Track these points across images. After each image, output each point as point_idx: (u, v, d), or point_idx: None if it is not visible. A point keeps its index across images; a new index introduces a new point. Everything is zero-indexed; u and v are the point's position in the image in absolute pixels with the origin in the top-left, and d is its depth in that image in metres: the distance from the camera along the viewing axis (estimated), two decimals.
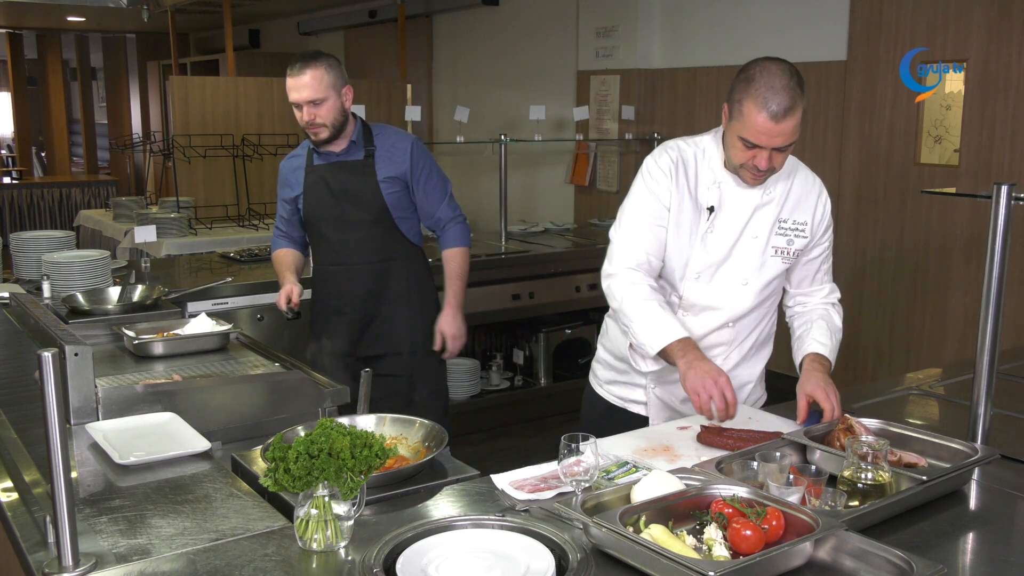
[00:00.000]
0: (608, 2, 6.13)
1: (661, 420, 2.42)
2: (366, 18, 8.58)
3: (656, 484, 1.66)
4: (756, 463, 1.81)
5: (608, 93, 6.19)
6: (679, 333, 2.17)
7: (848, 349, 5.02)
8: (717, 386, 2.06)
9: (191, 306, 3.76)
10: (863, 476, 1.74)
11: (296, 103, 3.04)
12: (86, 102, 14.78)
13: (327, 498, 1.56)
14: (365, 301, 3.20)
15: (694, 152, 2.33)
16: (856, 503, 1.72)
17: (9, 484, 1.88)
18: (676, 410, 2.41)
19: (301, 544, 1.57)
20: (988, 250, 1.93)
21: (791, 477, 1.71)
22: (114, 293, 3.37)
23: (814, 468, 1.78)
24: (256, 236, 5.80)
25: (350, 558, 1.54)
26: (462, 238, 3.30)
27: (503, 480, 1.84)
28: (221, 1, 7.69)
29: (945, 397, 2.52)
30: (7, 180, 11.44)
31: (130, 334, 2.85)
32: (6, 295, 3.37)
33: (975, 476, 1.90)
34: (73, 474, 1.91)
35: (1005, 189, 1.90)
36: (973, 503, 1.83)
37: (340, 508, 1.57)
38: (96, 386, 2.23)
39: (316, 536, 1.55)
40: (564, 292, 5.06)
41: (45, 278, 3.46)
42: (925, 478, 1.73)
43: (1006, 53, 4.18)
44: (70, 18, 11.34)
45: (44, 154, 14.37)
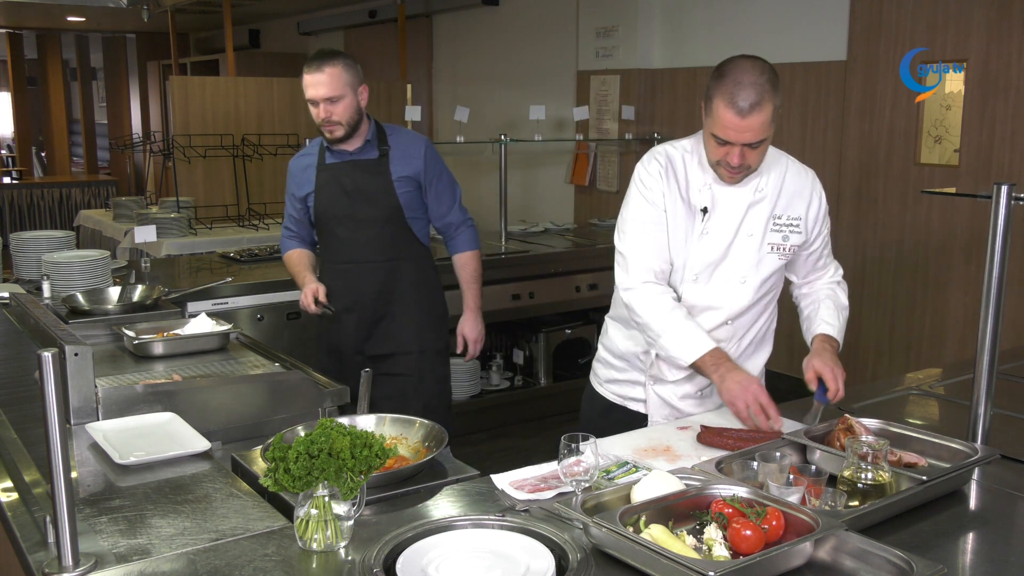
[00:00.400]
0: (608, 2, 6.13)
1: (660, 417, 2.43)
2: (366, 18, 8.58)
3: (656, 484, 1.66)
4: (756, 463, 1.81)
5: (608, 93, 6.19)
6: (708, 345, 2.21)
7: (848, 349, 5.00)
8: (750, 393, 2.11)
9: (191, 306, 3.76)
10: (863, 476, 1.74)
11: (313, 100, 3.04)
12: (86, 102, 14.77)
13: (327, 498, 1.56)
14: (375, 300, 3.20)
15: (682, 155, 2.34)
16: (856, 503, 1.72)
17: (9, 484, 1.88)
18: (675, 407, 2.41)
19: (301, 544, 1.57)
20: (988, 250, 1.93)
21: (791, 477, 1.71)
22: (114, 293, 3.37)
23: (814, 468, 1.78)
24: (256, 236, 5.80)
25: (350, 558, 1.54)
26: (474, 241, 3.33)
27: (503, 480, 1.84)
28: (221, 1, 7.68)
29: (945, 397, 2.52)
30: (7, 180, 11.44)
31: (130, 334, 2.85)
32: (6, 295, 3.37)
33: (975, 476, 1.90)
34: (73, 474, 1.91)
35: (1005, 189, 1.90)
36: (973, 503, 1.83)
37: (340, 508, 1.57)
38: (96, 386, 2.23)
39: (316, 536, 1.55)
40: (564, 292, 5.06)
41: (45, 278, 3.46)
42: (925, 478, 1.73)
43: (1006, 53, 4.18)
44: (70, 18, 11.34)
45: (44, 154, 14.37)
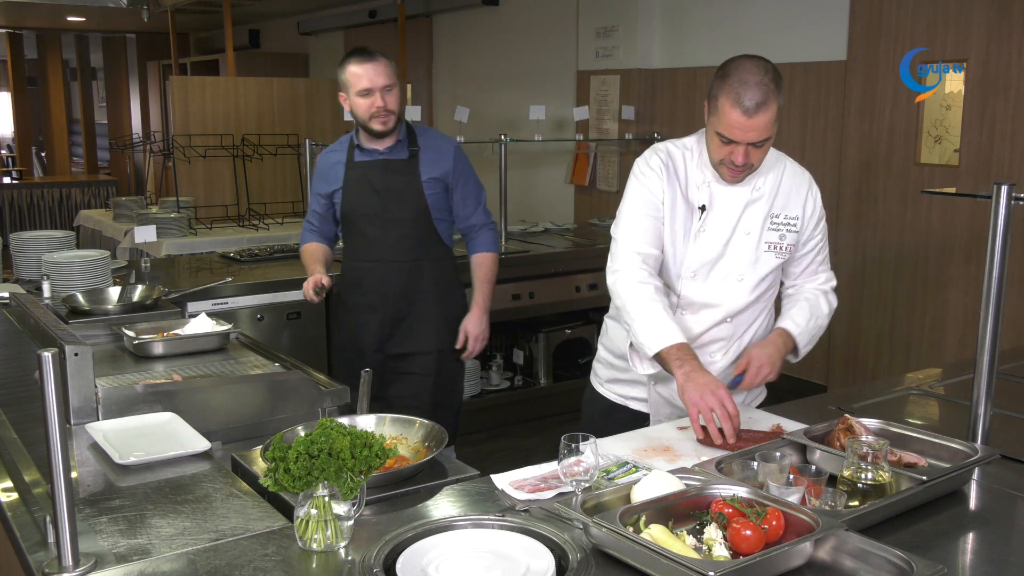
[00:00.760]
0: (608, 2, 6.13)
1: (663, 416, 2.43)
2: (366, 18, 8.57)
3: (656, 484, 1.66)
4: (756, 463, 1.81)
5: (608, 93, 6.19)
6: (677, 338, 2.18)
7: (848, 349, 5.04)
8: (716, 397, 2.05)
9: (191, 306, 3.76)
10: (863, 476, 1.74)
11: (368, 90, 3.05)
12: (86, 102, 14.78)
13: (327, 498, 1.56)
14: (398, 299, 3.22)
15: (682, 153, 2.36)
16: (856, 503, 1.72)
17: (9, 484, 1.88)
18: (677, 406, 2.41)
19: (301, 544, 1.57)
20: (988, 250, 1.93)
21: (791, 477, 1.71)
22: (114, 293, 3.37)
23: (814, 468, 1.78)
24: (256, 236, 5.80)
25: (350, 558, 1.54)
26: (494, 244, 3.37)
27: (503, 480, 1.84)
28: (221, 1, 7.69)
29: (945, 397, 2.52)
30: (7, 180, 11.44)
31: (130, 334, 2.85)
32: (6, 295, 3.37)
33: (975, 476, 1.90)
34: (73, 474, 1.91)
35: (1005, 189, 1.90)
36: (973, 503, 1.83)
37: (340, 508, 1.57)
38: (96, 386, 2.23)
39: (316, 536, 1.55)
40: (564, 292, 5.06)
41: (45, 278, 3.46)
42: (925, 478, 1.73)
43: (1006, 53, 4.18)
44: (70, 18, 11.34)
45: (44, 154, 14.37)
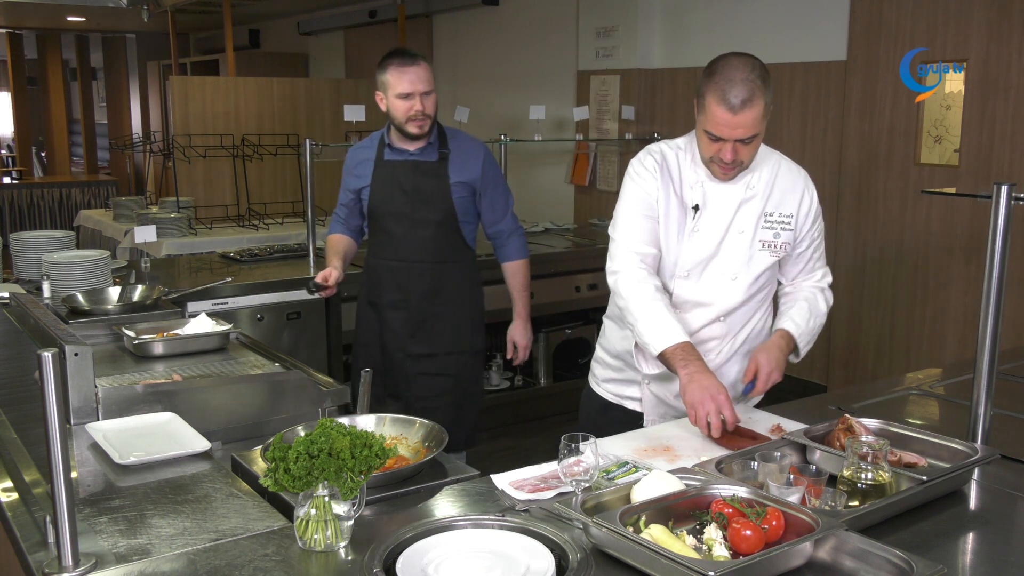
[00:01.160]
0: (608, 2, 6.13)
1: (656, 416, 2.44)
2: (366, 18, 8.58)
3: (656, 484, 1.66)
4: (756, 463, 1.81)
5: (608, 93, 6.19)
6: (681, 337, 2.18)
7: (848, 349, 5.04)
8: (715, 403, 2.06)
9: (191, 306, 3.76)
10: (863, 476, 1.74)
11: (408, 93, 3.07)
12: (86, 102, 14.77)
13: (327, 498, 1.56)
14: (422, 299, 3.24)
15: (675, 153, 2.36)
16: (856, 503, 1.72)
17: (9, 484, 1.88)
18: (671, 406, 2.42)
19: (301, 544, 1.57)
20: (988, 250, 1.93)
21: (791, 477, 1.71)
22: (114, 293, 3.37)
23: (814, 468, 1.78)
24: (256, 236, 5.80)
25: (350, 558, 1.54)
26: (524, 250, 3.40)
27: (503, 480, 1.84)
28: (221, 1, 7.69)
29: (945, 397, 2.52)
30: (7, 180, 11.44)
31: (130, 334, 2.85)
32: (6, 295, 3.37)
33: (975, 476, 1.90)
34: (73, 474, 1.91)
35: (1005, 189, 1.90)
36: (973, 503, 1.83)
37: (340, 508, 1.57)
38: (96, 386, 2.23)
39: (316, 536, 1.55)
40: (564, 292, 5.06)
41: (45, 278, 3.46)
42: (925, 478, 1.73)
43: (1006, 53, 4.18)
44: (70, 18, 11.34)
45: (44, 154, 14.37)
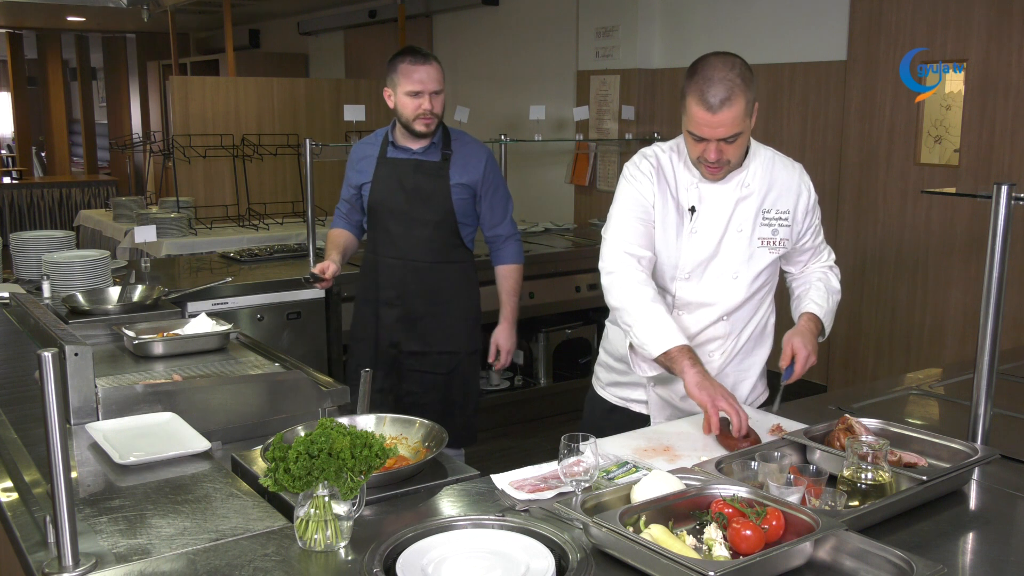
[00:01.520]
0: (608, 2, 6.13)
1: (663, 418, 2.43)
2: (366, 18, 8.57)
3: (656, 484, 1.66)
4: (756, 463, 1.81)
5: (608, 93, 6.19)
6: (680, 340, 2.18)
7: (848, 349, 5.03)
8: (727, 402, 2.07)
9: (191, 306, 3.76)
10: (863, 476, 1.74)
11: (418, 92, 3.08)
12: (86, 102, 14.77)
13: (327, 498, 1.56)
14: (418, 298, 3.25)
15: (670, 156, 2.37)
16: (856, 503, 1.72)
17: (9, 484, 1.88)
18: (677, 407, 2.41)
19: (301, 544, 1.57)
20: (988, 250, 1.93)
21: (791, 477, 1.71)
22: (114, 293, 3.37)
23: (814, 468, 1.79)
24: (256, 236, 5.80)
25: (350, 558, 1.54)
26: (519, 255, 3.40)
27: (503, 480, 1.84)
28: (221, 1, 7.69)
29: (945, 397, 2.52)
30: (7, 180, 11.44)
31: (130, 334, 2.85)
32: (6, 295, 3.37)
33: (975, 476, 1.90)
34: (73, 474, 1.91)
35: (1005, 189, 1.90)
36: (973, 503, 1.83)
37: (340, 508, 1.57)
38: (96, 386, 2.23)
39: (316, 536, 1.55)
40: (564, 292, 5.06)
41: (45, 278, 3.46)
42: (925, 478, 1.73)
43: (1006, 53, 4.18)
44: (70, 18, 11.34)
45: (44, 154, 14.37)
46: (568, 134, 6.47)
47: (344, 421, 2.00)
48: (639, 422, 2.46)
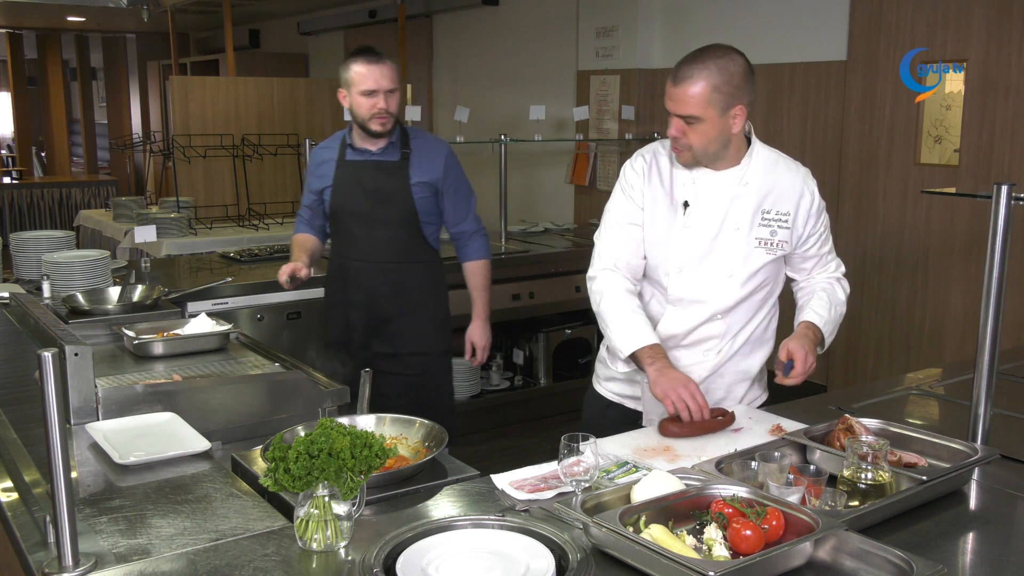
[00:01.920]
0: (608, 2, 6.13)
1: (656, 415, 2.43)
2: (366, 18, 8.57)
3: (656, 484, 1.66)
4: (756, 463, 1.81)
5: (608, 93, 6.19)
6: (649, 339, 2.26)
7: (848, 349, 5.03)
8: (687, 390, 2.15)
9: (191, 306, 3.76)
10: (863, 476, 1.74)
11: (372, 91, 3.07)
12: (86, 102, 14.77)
13: (327, 498, 1.56)
14: (385, 299, 3.24)
15: (668, 152, 2.39)
16: (856, 503, 1.72)
17: (9, 484, 1.88)
18: None
19: (301, 544, 1.57)
20: (988, 250, 1.93)
21: (791, 477, 1.71)
22: (114, 293, 3.37)
23: (814, 468, 1.79)
24: (256, 236, 5.80)
25: (350, 558, 1.54)
26: (485, 251, 3.38)
27: (503, 480, 1.84)
28: (221, 1, 7.69)
29: (945, 397, 2.52)
30: (7, 180, 11.44)
31: (130, 334, 2.85)
32: (6, 295, 3.37)
33: (975, 476, 1.90)
34: (73, 474, 1.91)
35: (1005, 189, 1.90)
36: (973, 503, 1.83)
37: (340, 508, 1.57)
38: (96, 386, 2.23)
39: (316, 536, 1.55)
40: (564, 292, 5.06)
41: (45, 278, 3.46)
42: (925, 478, 1.73)
43: (1006, 53, 4.18)
44: (70, 18, 11.34)
45: (44, 154, 14.36)
46: (568, 134, 6.47)
47: (344, 421, 2.00)
48: (636, 418, 2.48)
